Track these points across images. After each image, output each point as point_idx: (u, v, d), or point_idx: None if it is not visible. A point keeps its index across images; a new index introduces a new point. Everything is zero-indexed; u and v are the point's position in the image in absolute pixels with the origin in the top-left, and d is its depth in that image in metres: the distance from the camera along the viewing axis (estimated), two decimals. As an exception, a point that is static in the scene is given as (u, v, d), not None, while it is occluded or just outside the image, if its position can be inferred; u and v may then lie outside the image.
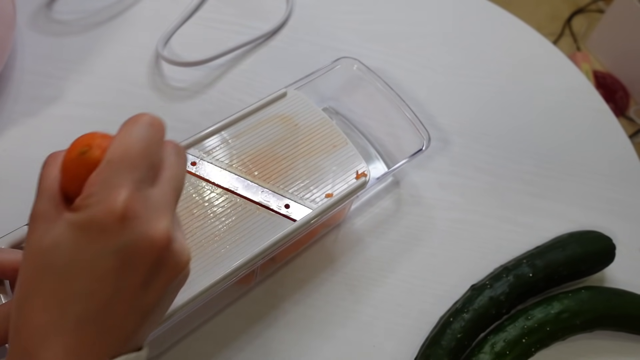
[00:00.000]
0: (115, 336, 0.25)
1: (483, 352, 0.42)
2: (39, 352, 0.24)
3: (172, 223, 0.26)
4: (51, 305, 0.25)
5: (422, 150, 0.47)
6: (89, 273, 0.25)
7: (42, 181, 0.27)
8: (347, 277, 0.46)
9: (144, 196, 0.25)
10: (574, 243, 0.47)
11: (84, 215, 0.25)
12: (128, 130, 0.27)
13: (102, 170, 0.25)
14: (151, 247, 0.25)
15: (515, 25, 0.66)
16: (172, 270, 0.27)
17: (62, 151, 0.28)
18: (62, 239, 0.25)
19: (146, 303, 0.26)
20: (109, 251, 0.24)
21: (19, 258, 0.34)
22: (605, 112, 0.60)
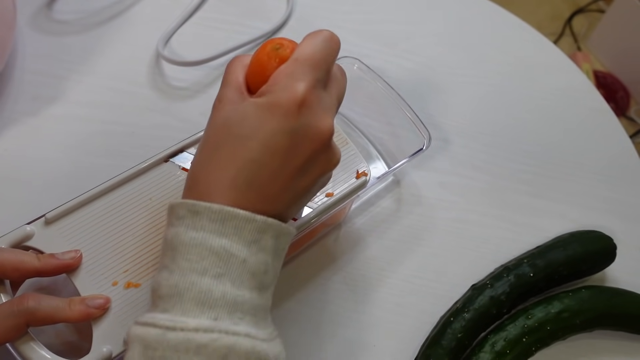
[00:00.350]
0: (271, 205, 0.30)
1: (483, 352, 0.42)
2: (212, 199, 0.29)
3: (333, 123, 0.31)
4: (229, 165, 0.30)
5: (423, 150, 0.47)
6: (266, 146, 0.29)
7: (228, 74, 0.33)
8: (348, 277, 0.46)
9: (319, 94, 0.31)
10: (574, 243, 0.47)
11: (270, 98, 0.30)
12: (313, 38, 0.31)
13: (289, 64, 0.30)
14: (317, 136, 0.30)
15: (515, 25, 0.66)
16: (326, 163, 0.32)
17: (246, 55, 0.33)
18: (248, 114, 0.30)
19: (300, 186, 0.31)
20: (285, 130, 0.29)
21: (19, 258, 0.34)
22: (606, 112, 0.60)
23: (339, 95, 0.33)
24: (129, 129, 0.51)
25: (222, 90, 0.32)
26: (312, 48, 0.31)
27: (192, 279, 0.28)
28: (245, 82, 0.32)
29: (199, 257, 0.28)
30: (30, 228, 0.37)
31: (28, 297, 0.33)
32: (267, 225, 0.30)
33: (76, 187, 0.40)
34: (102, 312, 0.35)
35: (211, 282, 0.28)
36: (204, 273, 0.28)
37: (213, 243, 0.28)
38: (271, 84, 0.30)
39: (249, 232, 0.29)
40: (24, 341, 0.33)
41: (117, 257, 0.37)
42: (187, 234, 0.29)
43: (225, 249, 0.28)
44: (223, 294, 0.28)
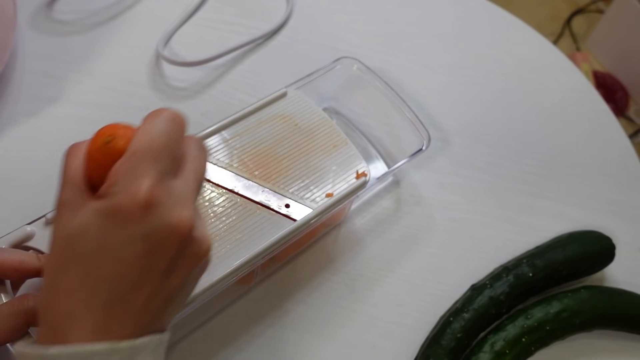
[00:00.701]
0: (140, 318, 0.27)
1: (483, 352, 0.42)
2: (68, 331, 0.25)
3: (193, 212, 0.27)
4: (80, 287, 0.26)
5: (422, 150, 0.47)
6: (117, 259, 0.26)
7: (66, 170, 0.28)
8: (347, 277, 0.46)
9: (167, 186, 0.27)
10: (574, 243, 0.47)
11: (109, 202, 0.26)
12: (151, 122, 0.28)
13: (126, 160, 0.26)
14: (175, 234, 0.26)
15: (515, 25, 0.66)
16: (194, 256, 0.28)
17: (85, 141, 0.29)
18: (89, 225, 0.26)
19: (170, 287, 0.27)
20: (135, 237, 0.26)
21: (19, 258, 0.34)
22: (605, 112, 0.60)
23: (198, 175, 0.29)
24: (129, 129, 0.51)
25: (61, 190, 0.28)
26: (150, 136, 0.27)
27: None
28: (86, 178, 0.28)
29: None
30: (30, 228, 0.37)
31: (28, 297, 0.33)
32: (136, 348, 0.26)
33: (76, 187, 0.40)
34: (102, 313, 0.35)
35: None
36: None
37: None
38: (109, 184, 0.26)
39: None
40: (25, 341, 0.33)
41: (118, 258, 0.37)
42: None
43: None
44: None
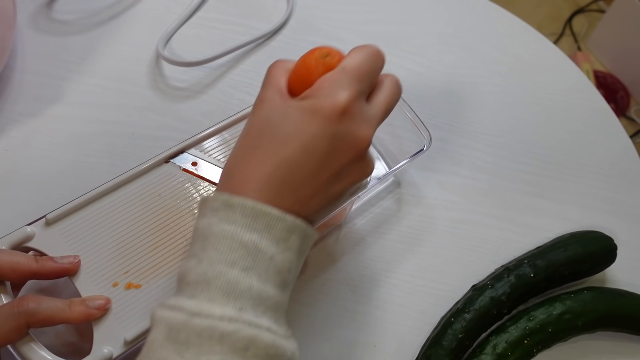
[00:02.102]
0: (302, 206, 0.31)
1: (485, 353, 0.42)
2: (246, 193, 0.30)
3: (373, 134, 0.32)
4: (268, 162, 0.30)
5: (423, 151, 0.47)
6: (305, 148, 0.30)
7: (270, 76, 0.33)
8: (348, 277, 0.46)
9: (361, 105, 0.32)
10: (575, 243, 0.47)
11: (313, 101, 0.31)
12: (361, 51, 0.33)
13: (336, 73, 0.32)
14: (355, 145, 0.31)
15: (515, 25, 0.66)
16: (361, 172, 0.33)
17: (287, 60, 0.34)
18: (290, 115, 0.31)
19: (332, 192, 0.32)
20: (325, 135, 0.30)
21: (16, 259, 0.34)
22: (606, 112, 0.60)
23: (385, 107, 0.33)
24: (129, 130, 0.51)
25: (264, 91, 0.33)
26: (359, 60, 0.32)
27: (221, 269, 0.28)
28: (287, 86, 0.33)
29: (229, 249, 0.29)
30: (30, 229, 0.37)
31: (28, 299, 0.33)
32: (296, 226, 0.30)
33: (77, 187, 0.40)
34: (102, 313, 0.35)
35: (239, 274, 0.28)
36: (232, 265, 0.29)
37: (244, 237, 0.29)
38: (316, 89, 0.31)
39: (279, 230, 0.30)
40: (25, 342, 0.33)
41: (118, 258, 0.37)
42: (220, 226, 0.29)
43: (255, 244, 0.29)
44: (249, 287, 0.28)
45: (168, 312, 0.28)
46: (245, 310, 0.28)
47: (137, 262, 0.37)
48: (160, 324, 0.28)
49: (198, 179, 0.42)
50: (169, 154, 0.42)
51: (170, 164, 0.42)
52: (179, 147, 0.42)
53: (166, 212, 0.40)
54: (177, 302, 0.28)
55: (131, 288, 0.36)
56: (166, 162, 0.42)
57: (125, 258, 0.37)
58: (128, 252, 0.38)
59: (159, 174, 0.41)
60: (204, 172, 0.42)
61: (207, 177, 0.42)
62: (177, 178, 0.41)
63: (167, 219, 0.39)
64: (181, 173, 0.42)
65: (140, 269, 0.37)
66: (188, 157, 0.42)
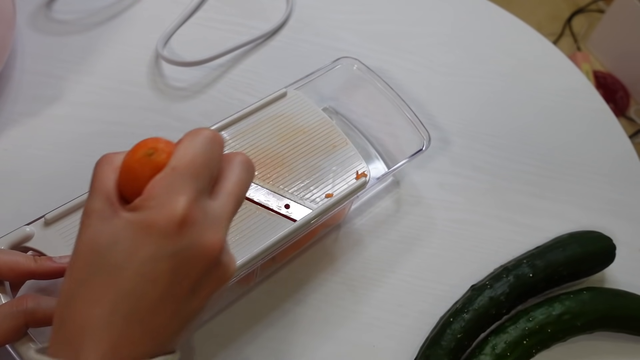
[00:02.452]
0: (157, 337, 0.26)
1: (484, 354, 0.42)
2: (84, 344, 0.24)
3: (225, 235, 0.27)
4: (102, 300, 0.25)
5: (422, 150, 0.47)
6: (143, 274, 0.25)
7: (96, 180, 0.28)
8: (347, 277, 0.46)
9: (203, 206, 0.26)
10: (574, 243, 0.47)
11: (144, 215, 0.25)
12: (192, 140, 0.28)
13: (166, 174, 0.26)
14: (204, 256, 0.26)
15: (515, 25, 0.66)
16: (219, 280, 0.28)
17: (117, 153, 0.29)
18: (119, 236, 0.25)
19: (191, 309, 0.27)
20: (164, 255, 0.25)
21: (15, 258, 0.34)
22: (606, 112, 0.60)
23: (237, 197, 0.28)
24: (128, 129, 0.51)
25: (90, 200, 0.27)
26: (192, 153, 0.27)
27: None
28: (117, 189, 0.27)
29: None
30: (29, 229, 0.37)
31: (27, 298, 0.33)
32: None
33: (76, 187, 0.40)
34: (101, 313, 0.35)
35: None
36: None
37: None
38: (146, 198, 0.26)
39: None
40: (24, 342, 0.33)
41: (117, 258, 0.37)
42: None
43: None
44: None
45: None
46: None
47: (136, 262, 0.37)
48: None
49: (197, 179, 0.41)
50: (168, 154, 0.42)
51: (170, 163, 0.42)
52: (178, 147, 0.42)
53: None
54: None
55: (130, 288, 0.36)
56: (165, 162, 0.42)
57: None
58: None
59: (158, 174, 0.41)
60: (203, 172, 0.42)
61: None
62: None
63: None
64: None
65: (140, 268, 0.37)
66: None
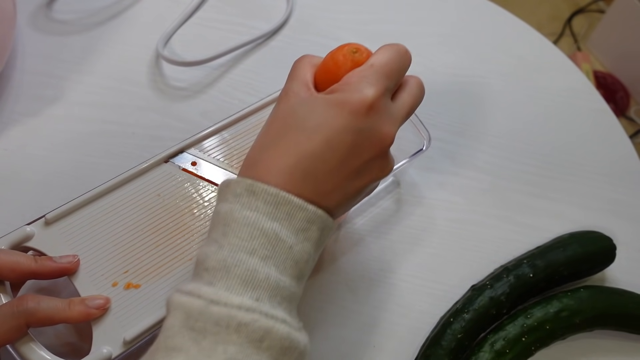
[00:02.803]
0: (322, 199, 0.31)
1: (483, 351, 0.42)
2: (268, 181, 0.30)
3: (396, 133, 0.33)
4: (292, 153, 0.30)
5: (423, 150, 0.47)
6: (329, 141, 0.30)
7: (296, 70, 0.34)
8: (348, 277, 0.46)
9: (386, 102, 0.32)
10: (574, 243, 0.47)
11: (341, 95, 0.31)
12: (389, 49, 0.33)
13: (364, 69, 0.32)
14: (379, 141, 0.32)
15: (515, 25, 0.66)
16: (380, 170, 0.33)
17: (314, 56, 0.35)
18: (317, 108, 0.31)
19: (352, 187, 0.32)
20: (350, 129, 0.30)
21: (15, 259, 0.34)
22: (606, 112, 0.60)
23: (410, 107, 0.34)
24: (129, 129, 0.51)
25: (289, 84, 0.33)
26: (387, 58, 0.32)
27: (241, 256, 0.29)
28: (313, 81, 0.33)
29: (250, 237, 0.29)
30: (30, 229, 0.37)
31: (28, 298, 0.33)
32: (317, 217, 0.30)
33: (76, 187, 0.40)
34: (101, 313, 0.35)
35: (258, 262, 0.29)
36: (252, 253, 0.29)
37: (265, 225, 0.29)
38: (343, 83, 0.31)
39: (299, 220, 0.30)
40: (24, 342, 0.33)
41: (117, 258, 0.37)
42: (242, 212, 0.29)
43: (275, 233, 0.29)
44: (267, 276, 0.29)
45: (186, 298, 0.28)
46: (262, 300, 0.28)
47: (137, 261, 0.37)
48: (178, 310, 0.28)
49: (197, 178, 0.42)
50: (169, 154, 0.42)
51: (170, 163, 0.42)
52: (178, 147, 0.42)
53: (165, 212, 0.40)
54: (195, 288, 0.28)
55: (130, 288, 0.36)
56: (165, 161, 0.42)
57: (125, 258, 0.37)
58: (127, 252, 0.38)
59: (158, 174, 0.41)
60: (204, 171, 0.42)
61: (206, 177, 0.42)
62: (176, 178, 0.41)
63: (166, 219, 0.39)
64: (180, 173, 0.42)
65: (140, 268, 0.37)
66: (187, 157, 0.43)
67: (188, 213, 0.40)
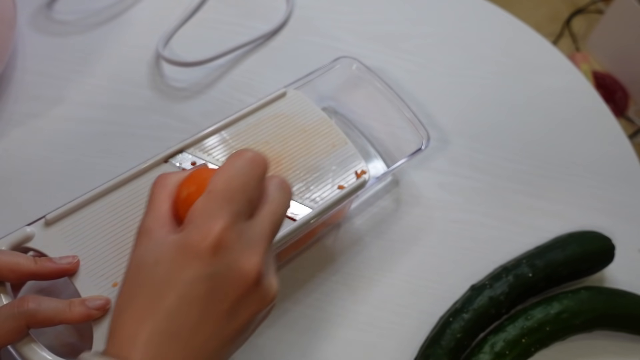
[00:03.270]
0: (198, 355, 0.27)
1: (483, 352, 0.42)
2: (132, 354, 0.26)
3: (264, 258, 0.28)
4: (147, 316, 0.26)
5: (422, 150, 0.47)
6: (182, 295, 0.26)
7: (152, 201, 0.30)
8: (347, 277, 0.46)
9: (239, 229, 0.27)
10: (573, 243, 0.47)
11: (183, 238, 0.27)
12: (231, 164, 0.29)
13: (203, 199, 0.27)
14: (240, 280, 0.27)
15: (514, 26, 0.66)
16: (259, 302, 0.28)
17: (172, 174, 0.31)
18: (162, 257, 0.27)
19: (230, 330, 0.28)
20: (200, 277, 0.26)
21: (15, 259, 0.34)
22: (605, 113, 0.60)
23: (275, 219, 0.29)
24: (128, 130, 0.51)
25: (144, 217, 0.29)
26: (227, 177, 0.28)
27: None
28: (172, 212, 0.29)
29: None
30: (30, 229, 0.37)
31: (28, 299, 0.33)
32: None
33: (76, 187, 0.40)
34: (102, 313, 0.35)
35: None
36: None
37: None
38: (187, 221, 0.28)
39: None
40: (25, 343, 0.33)
41: (118, 258, 0.37)
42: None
43: None
44: None
45: None
46: None
47: (137, 261, 0.37)
48: None
49: (197, 179, 0.42)
50: (168, 154, 0.42)
51: (170, 163, 0.42)
52: (178, 147, 0.42)
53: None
54: None
55: (131, 288, 0.36)
56: (165, 161, 0.42)
57: (125, 258, 0.37)
58: (128, 252, 0.38)
59: (158, 174, 0.41)
60: (204, 172, 0.42)
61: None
62: (176, 178, 0.41)
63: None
64: (181, 173, 0.42)
65: (140, 268, 0.37)
66: (187, 157, 0.43)
67: (188, 213, 0.40)
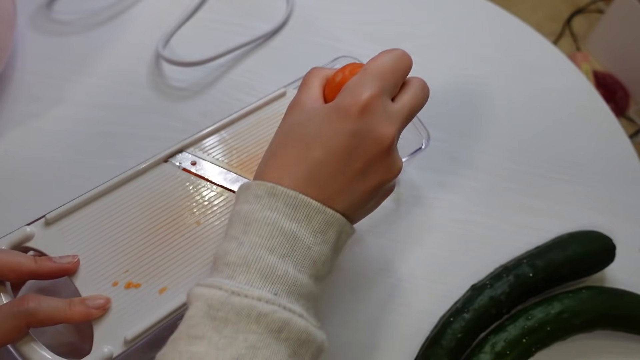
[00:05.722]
0: (330, 202, 0.32)
1: (483, 352, 0.42)
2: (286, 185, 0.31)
3: (398, 133, 0.33)
4: (292, 162, 0.32)
5: (422, 149, 0.47)
6: (327, 145, 0.32)
7: (305, 82, 0.36)
8: (347, 277, 0.46)
9: (383, 102, 0.33)
10: (574, 243, 0.47)
11: (336, 101, 0.32)
12: (384, 54, 0.35)
13: (358, 75, 0.33)
14: (377, 141, 0.32)
15: (515, 25, 0.66)
16: (386, 170, 0.33)
17: (324, 68, 0.37)
18: (314, 116, 0.33)
19: (360, 189, 0.32)
20: (345, 132, 0.31)
21: (16, 259, 0.34)
22: (605, 112, 0.60)
23: (411, 107, 0.34)
24: (129, 129, 0.51)
25: (298, 95, 0.35)
26: (381, 61, 0.34)
27: (261, 253, 0.30)
28: (323, 93, 0.35)
29: (270, 236, 0.30)
30: (30, 229, 0.37)
31: (28, 299, 0.33)
32: (334, 220, 0.32)
33: (76, 187, 0.40)
34: (102, 313, 0.35)
35: (277, 260, 0.30)
36: (272, 250, 0.30)
37: (284, 225, 0.30)
38: (341, 92, 0.33)
39: (317, 222, 0.31)
40: (25, 342, 0.33)
41: (118, 258, 0.37)
42: (263, 213, 0.31)
43: (294, 233, 0.30)
44: (285, 273, 0.30)
45: (207, 290, 0.29)
46: (280, 294, 0.29)
47: (137, 261, 0.38)
48: (199, 301, 0.29)
49: (197, 178, 0.42)
50: (168, 153, 0.42)
51: (170, 163, 0.42)
52: (178, 147, 0.43)
53: (165, 211, 0.40)
54: (215, 281, 0.29)
55: (131, 287, 0.37)
56: (165, 161, 0.42)
57: (125, 257, 0.38)
58: (127, 252, 0.38)
59: (158, 174, 0.41)
60: (203, 171, 0.42)
61: (206, 176, 0.42)
62: (176, 177, 0.41)
63: (166, 218, 0.39)
64: (180, 172, 0.42)
65: (140, 268, 0.37)
66: (187, 157, 0.43)
67: (188, 212, 0.40)
